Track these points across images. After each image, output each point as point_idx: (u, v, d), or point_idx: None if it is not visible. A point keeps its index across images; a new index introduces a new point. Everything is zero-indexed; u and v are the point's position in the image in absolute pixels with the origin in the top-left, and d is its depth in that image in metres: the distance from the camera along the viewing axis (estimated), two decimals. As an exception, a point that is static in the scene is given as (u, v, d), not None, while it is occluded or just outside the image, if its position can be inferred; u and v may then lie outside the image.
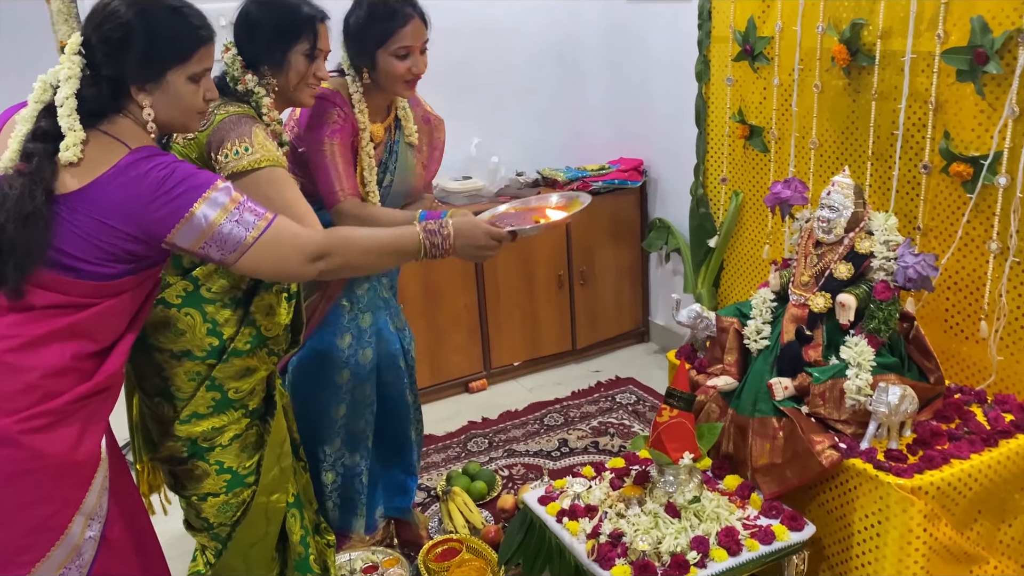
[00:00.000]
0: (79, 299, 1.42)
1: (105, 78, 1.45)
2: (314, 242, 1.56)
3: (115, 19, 1.45)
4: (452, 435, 3.31)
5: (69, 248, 1.40)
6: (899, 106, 2.41)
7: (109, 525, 1.51)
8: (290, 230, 1.54)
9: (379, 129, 2.21)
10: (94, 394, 1.45)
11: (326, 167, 2.07)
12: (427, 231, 1.68)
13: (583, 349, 3.93)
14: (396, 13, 2.06)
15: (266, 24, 1.86)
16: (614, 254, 3.89)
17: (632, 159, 3.89)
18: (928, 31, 2.30)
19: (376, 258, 1.71)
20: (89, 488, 1.44)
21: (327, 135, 2.07)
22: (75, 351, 1.42)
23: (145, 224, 1.43)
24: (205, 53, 1.53)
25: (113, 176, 1.41)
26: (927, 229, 2.42)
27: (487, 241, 1.75)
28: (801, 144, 2.79)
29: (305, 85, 1.92)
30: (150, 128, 1.50)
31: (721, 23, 3.05)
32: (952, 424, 2.09)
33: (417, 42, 2.10)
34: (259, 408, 1.93)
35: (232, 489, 1.89)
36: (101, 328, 1.47)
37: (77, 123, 1.42)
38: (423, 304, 3.48)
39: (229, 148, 1.72)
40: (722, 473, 2.18)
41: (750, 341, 2.27)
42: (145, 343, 1.80)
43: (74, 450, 1.40)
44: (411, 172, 2.28)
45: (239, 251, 1.48)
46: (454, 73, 3.70)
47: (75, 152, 1.40)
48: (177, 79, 1.50)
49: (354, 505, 2.42)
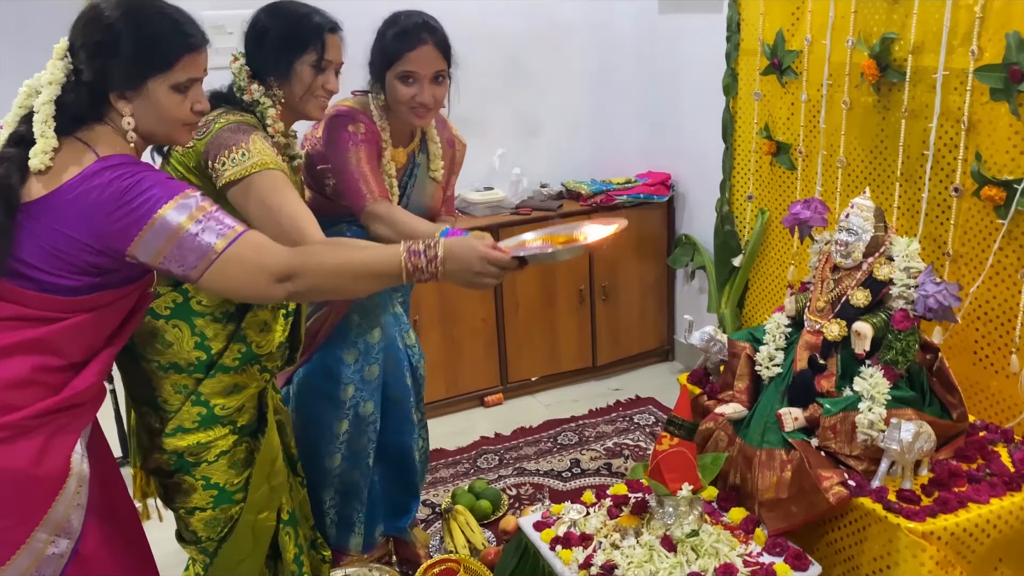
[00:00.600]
0: (43, 312, 1.38)
1: (85, 84, 1.41)
2: (282, 261, 1.43)
3: (100, 22, 1.41)
4: (463, 450, 3.25)
5: (29, 258, 1.36)
6: (930, 125, 2.29)
7: (83, 541, 1.46)
8: (259, 245, 1.43)
9: (401, 155, 2.14)
10: (61, 409, 1.40)
11: (352, 173, 1.98)
12: (411, 251, 1.48)
13: (604, 366, 3.84)
14: (408, 35, 1.98)
15: (274, 33, 1.81)
16: (638, 270, 3.80)
17: (660, 173, 3.80)
18: (962, 47, 2.18)
19: (350, 281, 1.52)
20: (53, 503, 1.39)
21: (352, 144, 1.99)
22: (37, 364, 1.37)
23: (105, 235, 1.37)
24: (191, 62, 1.46)
25: (76, 184, 1.36)
26: (957, 255, 2.29)
27: (483, 267, 1.49)
28: (828, 162, 2.68)
29: (311, 97, 1.85)
30: (130, 138, 1.44)
31: (750, 35, 2.95)
32: (974, 464, 1.96)
33: (426, 70, 1.99)
34: (250, 425, 1.89)
35: (219, 505, 1.85)
36: (68, 344, 1.42)
37: (50, 130, 1.38)
38: (439, 315, 3.43)
39: (226, 156, 1.68)
40: (728, 505, 2.08)
41: (762, 368, 2.18)
42: (133, 353, 1.78)
43: (35, 465, 1.36)
44: (429, 196, 2.23)
45: (202, 265, 1.39)
46: (480, 83, 3.66)
47: (43, 160, 1.36)
48: (158, 87, 1.43)
49: (352, 523, 2.37)
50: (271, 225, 1.65)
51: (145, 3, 1.47)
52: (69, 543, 1.44)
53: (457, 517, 2.67)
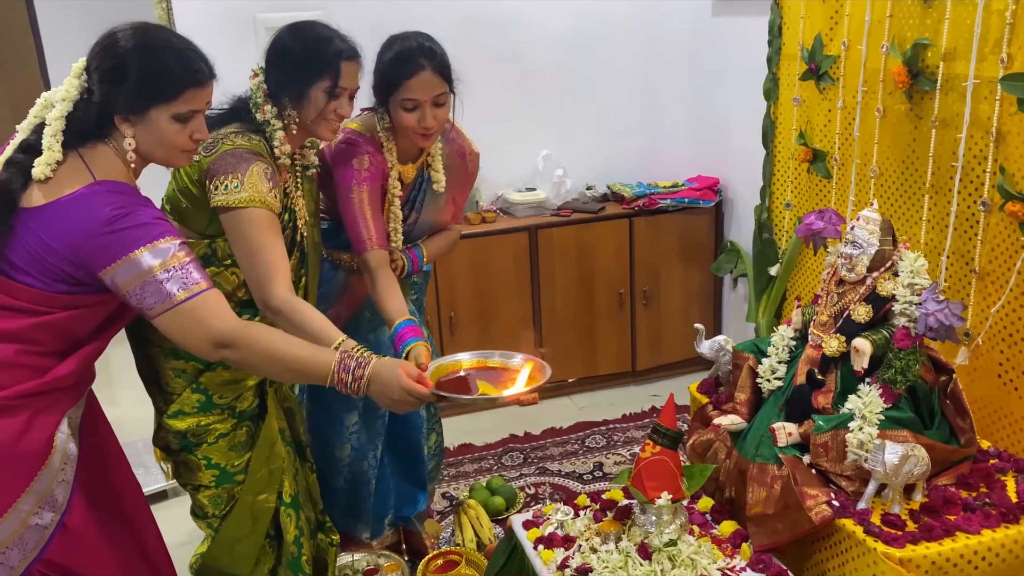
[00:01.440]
0: (27, 305, 1.48)
1: (95, 104, 1.52)
2: (226, 329, 1.53)
3: (114, 49, 1.52)
4: (490, 447, 3.30)
5: (16, 259, 1.47)
6: (959, 135, 2.18)
7: (69, 514, 1.57)
8: (213, 308, 1.52)
9: (410, 170, 2.17)
10: (44, 392, 1.51)
11: (354, 216, 2.05)
12: (343, 366, 1.58)
13: (643, 372, 3.81)
14: (405, 64, 1.97)
15: (292, 55, 1.84)
16: (682, 276, 3.75)
17: (709, 177, 3.73)
18: (993, 54, 2.08)
19: (279, 370, 1.64)
20: (35, 477, 1.50)
21: (355, 183, 2.04)
22: (19, 349, 1.48)
23: (84, 253, 1.46)
24: (193, 95, 1.55)
25: (69, 202, 1.47)
26: (984, 272, 2.18)
27: (402, 396, 1.60)
28: (863, 172, 2.59)
29: (323, 120, 1.88)
30: (129, 158, 1.55)
31: (791, 39, 2.88)
32: (974, 493, 1.87)
33: (426, 96, 1.98)
34: (249, 410, 1.98)
35: (221, 484, 1.96)
36: (49, 337, 1.52)
37: (57, 144, 1.49)
38: (475, 314, 3.48)
39: (221, 181, 1.75)
40: (721, 517, 2.05)
41: (763, 380, 2.13)
42: (141, 336, 1.90)
43: (17, 441, 1.46)
44: (439, 209, 2.26)
45: (160, 308, 1.49)
46: (528, 84, 3.70)
47: (44, 170, 1.47)
48: (160, 116, 1.53)
49: (360, 511, 2.45)
50: (247, 261, 1.76)
51: (158, 36, 1.57)
52: (54, 516, 1.54)
53: (468, 511, 2.72)
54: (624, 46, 3.79)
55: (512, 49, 3.65)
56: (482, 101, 3.54)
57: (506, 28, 3.62)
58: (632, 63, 3.82)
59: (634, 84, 3.84)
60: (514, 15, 3.62)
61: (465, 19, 3.50)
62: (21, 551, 1.51)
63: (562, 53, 3.71)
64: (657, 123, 3.90)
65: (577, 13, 3.68)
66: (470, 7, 3.52)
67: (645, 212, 3.59)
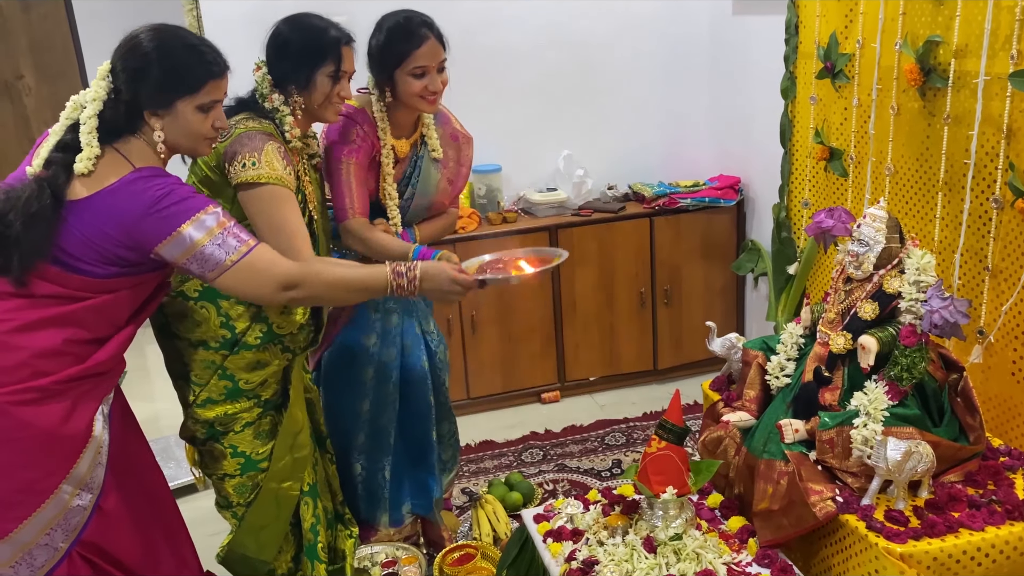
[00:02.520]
0: (75, 292, 1.61)
1: (124, 102, 1.64)
2: (287, 272, 1.70)
3: (138, 51, 1.65)
4: (511, 443, 3.34)
5: (69, 248, 1.59)
6: (971, 132, 2.18)
7: (104, 496, 1.68)
8: (267, 258, 1.69)
9: (404, 145, 2.30)
10: (86, 377, 1.63)
11: (340, 185, 2.19)
12: (395, 272, 1.81)
13: (665, 370, 3.82)
14: (412, 35, 2.15)
15: (294, 45, 1.99)
16: (704, 274, 3.76)
17: (730, 176, 3.74)
18: (1003, 51, 2.07)
19: (344, 293, 1.86)
20: (78, 460, 1.60)
21: (344, 154, 2.19)
22: (67, 336, 1.60)
23: (136, 235, 1.60)
24: (214, 87, 1.69)
25: (116, 190, 1.60)
26: (997, 270, 2.17)
27: (451, 287, 1.86)
28: (878, 170, 2.59)
29: (329, 104, 2.03)
30: (159, 149, 1.68)
31: (807, 38, 2.88)
32: (980, 490, 1.87)
33: (433, 62, 2.17)
34: (274, 399, 2.07)
35: (246, 472, 2.04)
36: (94, 320, 1.64)
37: (94, 140, 1.61)
38: (496, 312, 3.53)
39: (240, 160, 1.87)
40: (729, 513, 2.08)
41: (771, 377, 2.15)
42: (168, 331, 2.00)
43: (62, 424, 1.58)
44: (434, 187, 2.35)
45: (217, 271, 1.65)
46: (550, 85, 3.74)
47: (87, 165, 1.60)
48: (186, 108, 1.66)
49: (378, 499, 2.52)
50: (270, 236, 1.85)
51: (176, 36, 1.70)
52: (92, 497, 1.65)
53: (486, 506, 2.77)
54: (644, 46, 3.81)
55: (533, 50, 3.69)
56: (504, 102, 3.63)
57: (526, 29, 3.66)
58: (652, 63, 3.84)
59: (654, 84, 3.86)
60: (534, 16, 3.66)
61: (486, 21, 3.56)
62: (64, 531, 1.61)
63: (583, 53, 3.75)
64: (678, 122, 3.91)
65: (597, 13, 3.72)
66: (491, 8, 3.57)
67: (666, 211, 3.61)
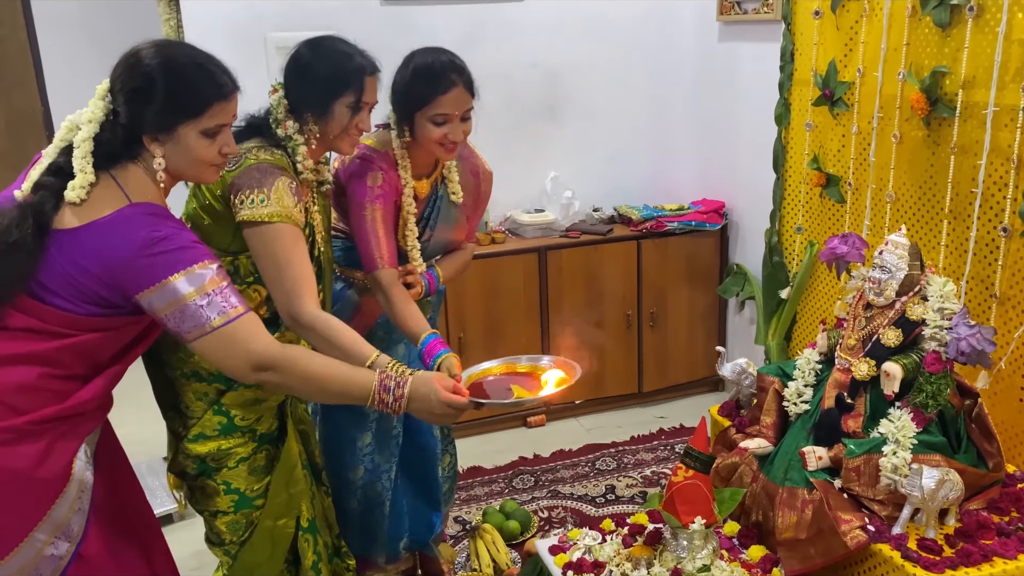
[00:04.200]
0: (52, 327, 1.45)
1: (122, 125, 1.50)
2: (265, 352, 1.52)
3: (138, 69, 1.50)
4: (500, 469, 3.27)
5: (48, 282, 1.44)
6: (979, 162, 2.22)
7: (85, 543, 1.53)
8: (250, 332, 1.52)
9: (424, 185, 2.17)
10: (65, 417, 1.47)
11: (366, 233, 2.04)
12: (383, 386, 1.59)
13: (649, 393, 3.81)
14: (439, 79, 1.98)
15: (315, 71, 1.85)
16: (689, 298, 3.77)
17: (714, 201, 3.76)
18: (1013, 83, 2.11)
19: (319, 391, 1.63)
20: (53, 505, 1.45)
21: (368, 200, 2.04)
22: (43, 373, 1.45)
23: (120, 276, 1.45)
24: (220, 109, 1.54)
25: (107, 224, 1.44)
26: (1004, 297, 2.20)
27: (443, 409, 1.62)
28: (878, 196, 2.62)
29: (346, 135, 1.89)
30: (160, 178, 1.53)
31: (803, 66, 2.92)
32: (1006, 518, 1.88)
33: (457, 110, 2.01)
34: (269, 433, 1.95)
35: (240, 509, 1.92)
36: (74, 360, 1.49)
37: (89, 166, 1.47)
38: (484, 334, 3.47)
39: (247, 195, 1.73)
40: (748, 542, 2.05)
41: (789, 404, 2.14)
42: (159, 360, 1.87)
43: (36, 467, 1.42)
44: (452, 225, 2.26)
45: (197, 332, 1.48)
46: (537, 107, 3.72)
47: (79, 193, 1.45)
48: (189, 133, 1.51)
49: (376, 534, 2.42)
50: (274, 276, 1.74)
51: (181, 52, 1.56)
52: (69, 546, 1.50)
53: (484, 536, 2.69)
54: (632, 70, 3.83)
55: (521, 72, 3.67)
56: (492, 123, 3.58)
57: (515, 52, 3.64)
58: (639, 87, 3.86)
59: (641, 108, 3.88)
60: (522, 38, 3.64)
61: (474, 41, 3.52)
62: None
63: (570, 76, 3.74)
64: (663, 147, 3.93)
65: (585, 37, 3.72)
66: (479, 30, 3.54)
67: (653, 234, 3.61)
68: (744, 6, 3.39)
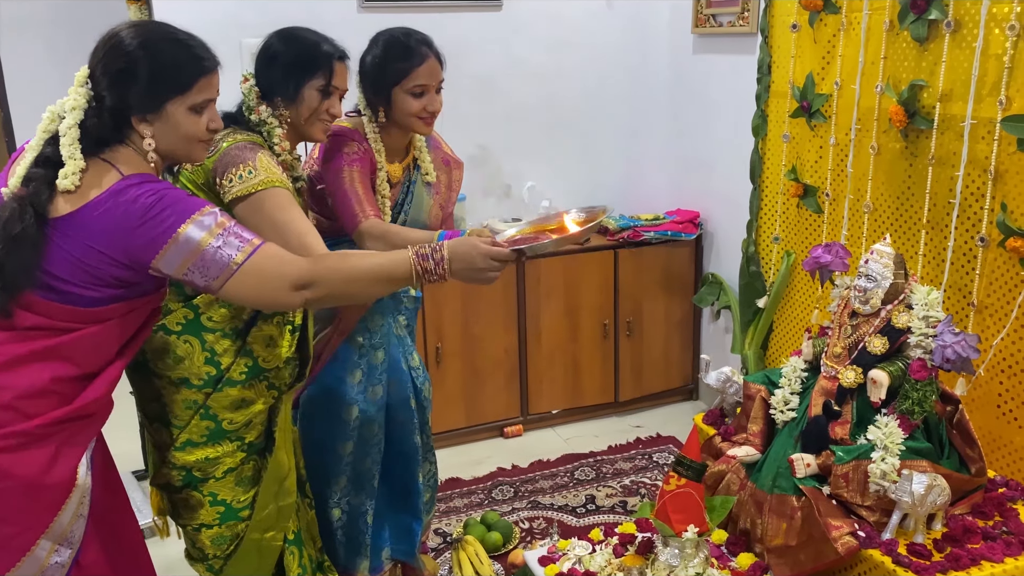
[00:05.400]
0: (62, 323, 1.43)
1: (108, 109, 1.47)
2: (299, 270, 1.51)
3: (119, 50, 1.48)
4: (479, 480, 3.25)
5: (58, 271, 1.42)
6: (957, 173, 2.27)
7: (83, 551, 1.50)
8: (276, 256, 1.51)
9: (397, 169, 2.21)
10: (73, 419, 1.45)
11: (345, 192, 2.05)
12: (419, 255, 1.58)
13: (626, 402, 3.81)
14: (413, 52, 2.08)
15: (285, 57, 1.89)
16: (664, 307, 3.78)
17: (689, 211, 3.79)
18: (990, 96, 2.16)
19: (365, 286, 1.61)
20: (59, 513, 1.43)
21: (346, 163, 2.07)
22: (55, 374, 1.42)
23: (131, 249, 1.43)
24: (206, 84, 1.53)
25: (103, 201, 1.42)
26: (982, 306, 2.25)
27: (486, 263, 1.59)
28: (855, 207, 2.66)
29: (317, 120, 1.92)
30: (151, 158, 1.51)
31: (780, 78, 2.96)
32: (990, 521, 1.91)
33: (432, 81, 2.10)
34: (258, 443, 1.91)
35: (226, 522, 1.87)
36: (84, 353, 1.47)
37: (77, 152, 1.44)
38: (461, 344, 3.45)
39: (233, 173, 1.74)
40: (737, 550, 2.06)
41: (776, 411, 2.15)
42: (146, 368, 1.82)
43: (44, 473, 1.40)
44: (426, 212, 2.26)
45: (223, 276, 1.46)
46: (514, 116, 3.72)
47: (73, 180, 1.42)
48: (177, 109, 1.50)
49: (359, 545, 2.38)
50: (279, 241, 1.70)
51: (160, 31, 1.54)
52: (71, 552, 1.47)
53: (467, 548, 2.67)
54: (608, 81, 3.85)
55: (499, 81, 3.67)
56: (469, 131, 3.58)
57: (492, 61, 3.64)
58: (615, 97, 3.88)
59: (617, 118, 3.90)
60: (500, 47, 3.65)
61: (451, 49, 3.48)
62: None
63: (546, 86, 3.75)
64: (638, 157, 3.95)
65: (561, 47, 3.73)
66: (457, 38, 3.52)
67: (629, 244, 3.63)
68: (719, 19, 3.43)
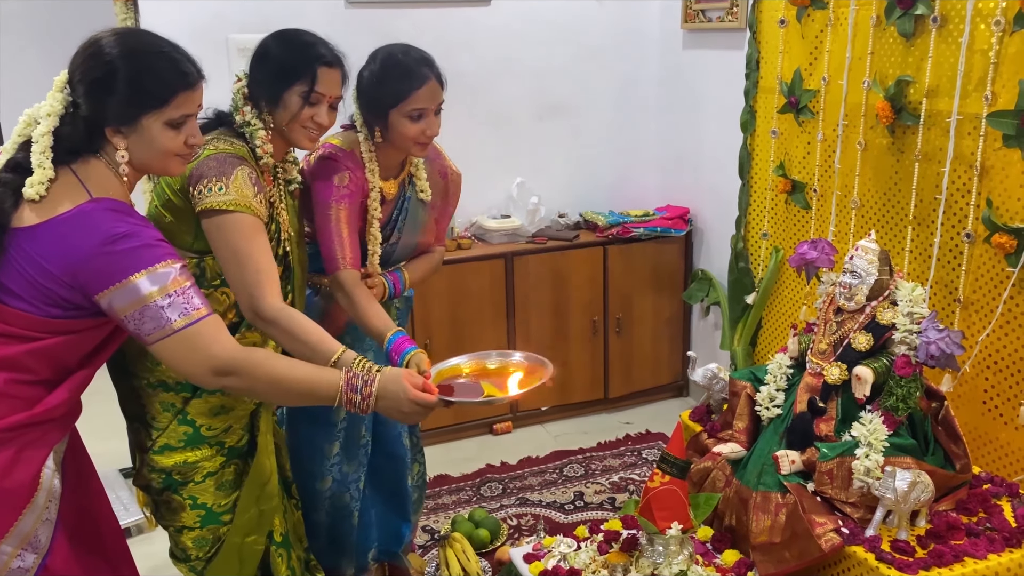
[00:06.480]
0: (19, 331, 1.39)
1: (83, 118, 1.44)
2: (229, 355, 1.46)
3: (99, 58, 1.44)
4: (468, 477, 3.24)
5: (8, 282, 1.39)
6: (943, 169, 2.26)
7: (51, 556, 1.47)
8: (212, 335, 1.45)
9: (392, 186, 2.13)
10: (33, 424, 1.41)
11: (330, 233, 2.00)
12: (349, 385, 1.54)
13: (615, 399, 3.81)
14: (412, 74, 1.96)
15: (271, 59, 1.82)
16: (654, 304, 3.78)
17: (679, 207, 3.78)
18: (976, 92, 2.16)
19: (285, 393, 1.57)
20: (20, 516, 1.40)
21: (334, 199, 2.00)
22: (10, 378, 1.39)
23: (80, 276, 1.39)
24: (185, 99, 1.48)
25: (66, 220, 1.38)
26: (968, 302, 2.25)
27: (411, 408, 1.57)
28: (843, 203, 2.66)
29: (300, 127, 1.84)
30: (122, 171, 1.46)
31: (769, 73, 2.95)
32: (974, 518, 1.91)
33: (432, 104, 1.99)
34: (239, 447, 1.89)
35: (207, 525, 1.86)
36: (40, 364, 1.43)
37: (47, 161, 1.40)
38: (449, 340, 3.43)
39: (205, 184, 1.69)
40: (722, 547, 2.05)
41: (762, 408, 2.15)
42: (125, 369, 1.80)
43: (3, 476, 1.37)
44: (420, 227, 2.22)
45: (157, 335, 1.42)
46: (504, 113, 3.70)
47: (38, 190, 1.39)
48: (153, 124, 1.45)
49: (344, 545, 2.37)
50: (234, 270, 1.69)
51: (143, 40, 1.49)
52: (36, 558, 1.44)
53: (454, 545, 2.66)
54: (595, 77, 3.83)
55: (487, 78, 3.65)
56: (458, 128, 3.55)
57: (481, 57, 3.62)
58: (604, 93, 3.86)
59: (604, 114, 3.88)
60: (488, 43, 3.63)
61: (439, 45, 3.45)
62: None
63: (536, 83, 3.73)
64: (628, 153, 3.94)
65: (550, 43, 3.71)
66: (445, 34, 3.51)
67: (619, 240, 3.61)
68: (708, 14, 3.42)
